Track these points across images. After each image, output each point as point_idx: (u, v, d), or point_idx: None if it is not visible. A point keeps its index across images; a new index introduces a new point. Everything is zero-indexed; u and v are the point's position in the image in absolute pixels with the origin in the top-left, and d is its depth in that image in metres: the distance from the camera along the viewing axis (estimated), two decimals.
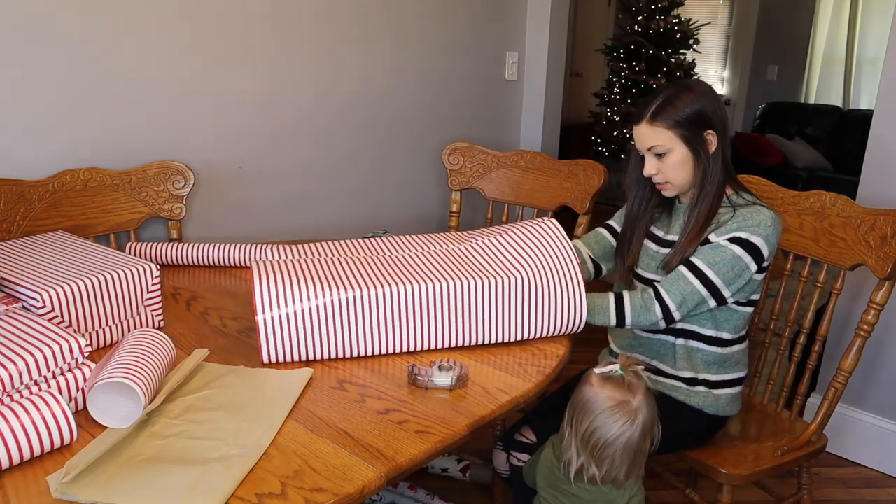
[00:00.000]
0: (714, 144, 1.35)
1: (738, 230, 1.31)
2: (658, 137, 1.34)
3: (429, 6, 2.40)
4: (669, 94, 1.35)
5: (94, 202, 1.69)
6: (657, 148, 1.35)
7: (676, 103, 1.33)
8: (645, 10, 4.90)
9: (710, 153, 1.35)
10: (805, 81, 5.75)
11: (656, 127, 1.34)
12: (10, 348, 0.93)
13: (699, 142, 1.34)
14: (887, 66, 1.99)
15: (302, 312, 1.12)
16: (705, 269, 1.32)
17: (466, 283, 1.18)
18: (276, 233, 2.15)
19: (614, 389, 1.10)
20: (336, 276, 1.19)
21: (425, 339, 1.20)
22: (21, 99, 1.59)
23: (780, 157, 5.06)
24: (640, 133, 1.38)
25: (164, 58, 1.80)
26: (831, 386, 1.48)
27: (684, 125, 1.33)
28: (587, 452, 1.11)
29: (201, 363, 1.13)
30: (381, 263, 1.27)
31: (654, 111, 1.34)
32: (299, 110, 2.14)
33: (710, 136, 1.35)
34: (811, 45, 5.65)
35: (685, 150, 1.34)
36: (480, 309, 1.20)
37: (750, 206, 1.34)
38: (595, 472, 1.11)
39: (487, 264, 1.25)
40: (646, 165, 1.39)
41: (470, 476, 1.98)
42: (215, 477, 0.83)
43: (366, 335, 1.16)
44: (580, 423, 1.11)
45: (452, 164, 2.14)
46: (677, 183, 1.38)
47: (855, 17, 5.41)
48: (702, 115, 1.33)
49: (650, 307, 1.33)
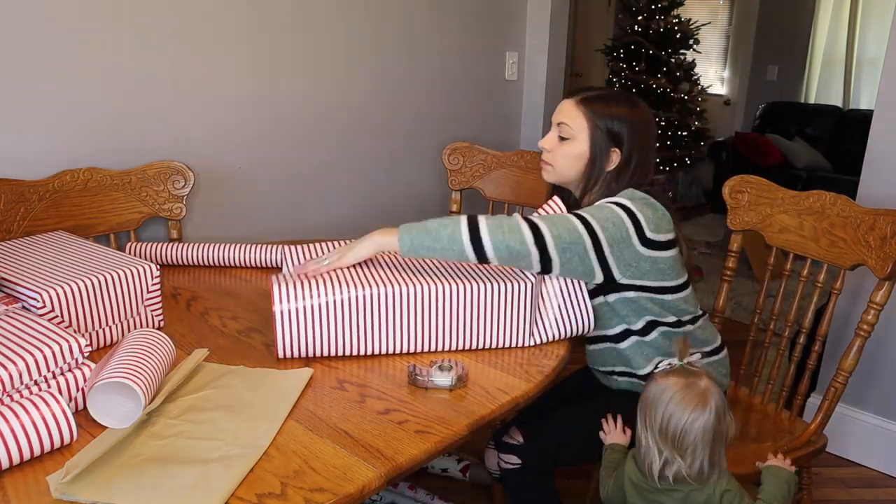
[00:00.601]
0: (613, 164, 1.34)
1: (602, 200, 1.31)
2: (573, 119, 1.34)
3: (429, 6, 2.40)
4: (614, 94, 1.35)
5: (94, 202, 1.69)
6: (565, 128, 1.35)
7: (611, 105, 1.33)
8: (645, 10, 4.89)
9: (606, 169, 1.35)
10: (805, 81, 5.74)
11: (579, 110, 1.34)
12: (10, 348, 0.93)
13: (603, 151, 1.33)
14: (887, 66, 1.99)
15: (319, 307, 1.13)
16: (581, 212, 1.25)
17: (484, 287, 1.19)
18: (275, 233, 2.15)
19: (678, 376, 1.10)
20: (352, 274, 1.20)
21: (440, 339, 1.21)
22: (21, 99, 1.59)
23: (780, 157, 5.06)
24: (562, 105, 1.37)
25: (164, 58, 1.80)
26: (831, 386, 1.48)
27: (601, 126, 1.32)
28: (668, 445, 1.09)
29: (201, 363, 1.13)
30: (396, 262, 1.28)
31: (589, 97, 1.34)
32: (299, 111, 2.14)
33: (615, 156, 1.34)
34: (811, 45, 5.65)
35: (585, 148, 1.34)
36: (493, 312, 1.21)
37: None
38: (680, 464, 1.08)
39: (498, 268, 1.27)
40: (546, 136, 1.39)
41: (470, 476, 1.98)
42: (215, 477, 0.83)
43: (383, 333, 1.17)
44: (654, 418, 1.10)
45: (452, 164, 2.14)
46: (559, 170, 1.38)
47: (855, 17, 5.41)
48: (620, 133, 1.32)
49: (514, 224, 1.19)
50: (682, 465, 1.09)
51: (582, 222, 1.22)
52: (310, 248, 1.38)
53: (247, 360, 1.16)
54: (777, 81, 5.85)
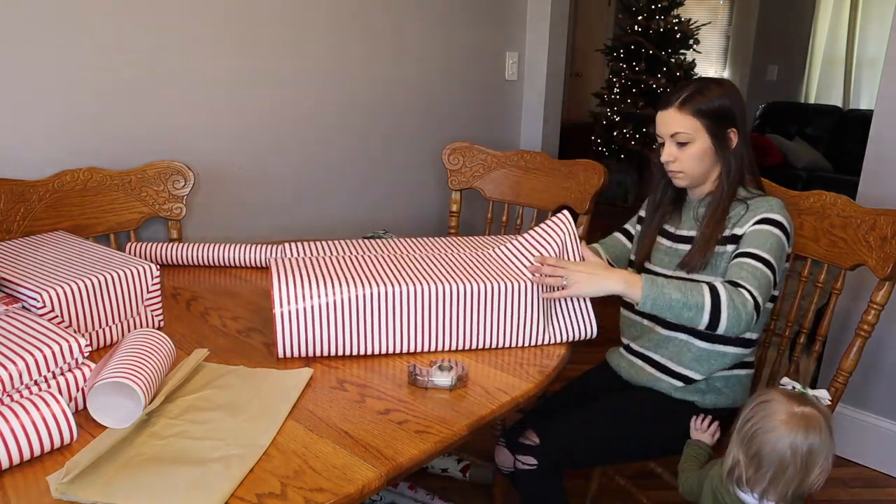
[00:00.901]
0: (735, 142, 1.37)
1: (758, 215, 1.32)
2: (684, 124, 1.35)
3: (429, 7, 2.40)
4: (700, 85, 1.36)
5: (94, 202, 1.69)
6: (681, 136, 1.36)
7: (707, 94, 1.35)
8: (645, 10, 4.89)
9: (731, 150, 1.37)
10: (805, 81, 5.75)
11: (684, 114, 1.35)
12: (10, 348, 0.93)
13: (722, 136, 1.35)
14: (887, 66, 1.99)
15: (318, 307, 1.14)
16: (761, 253, 1.28)
17: (485, 286, 1.20)
18: (276, 233, 2.15)
19: (792, 403, 1.07)
20: (353, 274, 1.21)
21: (441, 339, 1.21)
22: (21, 99, 1.59)
23: (780, 157, 5.06)
24: (666, 118, 1.38)
25: (164, 58, 1.80)
26: (831, 386, 1.48)
27: (711, 117, 1.34)
28: (742, 449, 1.09)
29: (201, 363, 1.13)
30: (397, 262, 1.28)
31: (685, 98, 1.35)
32: (299, 110, 2.13)
33: (733, 134, 1.36)
34: (811, 45, 5.65)
35: (708, 142, 1.35)
36: (497, 312, 1.21)
37: (757, 198, 1.36)
38: (742, 472, 1.09)
39: (504, 267, 1.27)
40: (664, 151, 1.39)
41: (470, 476, 1.98)
42: (215, 477, 0.83)
43: (383, 333, 1.18)
44: (746, 421, 1.10)
45: (452, 164, 2.14)
46: (692, 173, 1.38)
47: (855, 17, 5.41)
48: (728, 110, 1.35)
49: (750, 313, 1.22)
50: (743, 473, 1.09)
51: (770, 270, 1.28)
52: (319, 246, 1.39)
53: (247, 360, 1.16)
54: (777, 81, 5.86)
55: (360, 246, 1.42)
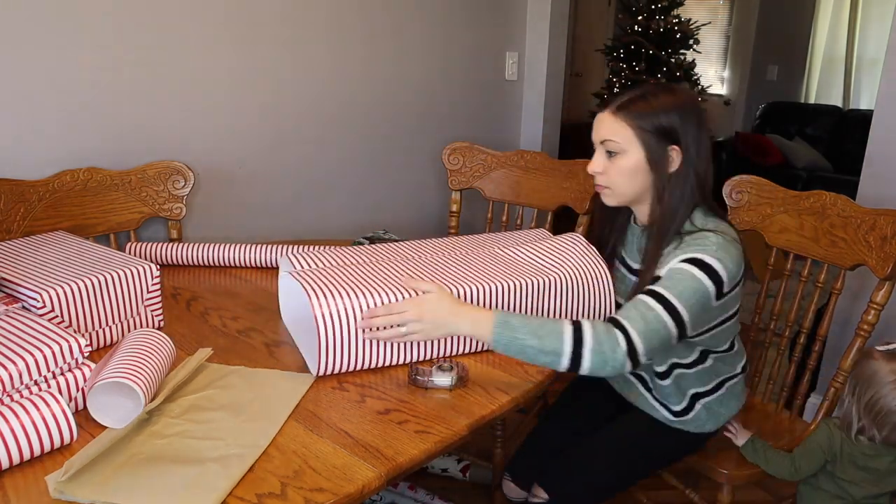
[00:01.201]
0: (676, 164, 1.20)
1: (685, 253, 1.15)
2: (616, 132, 1.19)
3: (429, 7, 2.40)
4: (647, 91, 1.20)
5: (94, 202, 1.69)
6: (610, 143, 1.20)
7: (652, 103, 1.18)
8: (645, 10, 4.89)
9: (669, 172, 1.20)
10: (805, 81, 5.75)
11: (619, 120, 1.19)
12: (10, 348, 0.93)
13: (660, 154, 1.18)
14: (887, 66, 1.99)
15: (356, 318, 1.09)
16: (665, 294, 1.12)
17: (512, 285, 1.19)
18: (276, 233, 2.15)
19: (893, 363, 1.25)
20: (380, 280, 1.16)
21: (457, 343, 1.19)
22: (21, 99, 1.59)
23: (780, 157, 5.06)
24: (599, 121, 1.22)
25: (164, 58, 1.80)
26: (831, 386, 1.48)
27: (649, 130, 1.17)
28: (869, 419, 1.27)
29: (203, 363, 1.13)
30: (414, 266, 1.26)
31: (624, 103, 1.19)
32: (299, 110, 2.14)
33: (674, 153, 1.19)
34: (811, 45, 5.65)
35: (640, 157, 1.19)
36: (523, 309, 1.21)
37: (699, 232, 1.18)
38: (875, 433, 1.27)
39: (525, 267, 1.26)
40: (593, 160, 1.24)
41: (470, 476, 1.98)
42: (213, 476, 0.83)
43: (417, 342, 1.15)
44: (863, 395, 1.27)
45: (452, 164, 2.14)
46: (618, 190, 1.23)
47: (855, 17, 5.41)
48: (672, 127, 1.17)
49: (619, 360, 1.06)
50: (877, 434, 1.26)
51: (673, 317, 1.10)
52: (310, 249, 1.39)
53: (247, 360, 1.16)
54: (777, 81, 5.86)
55: (359, 252, 1.37)
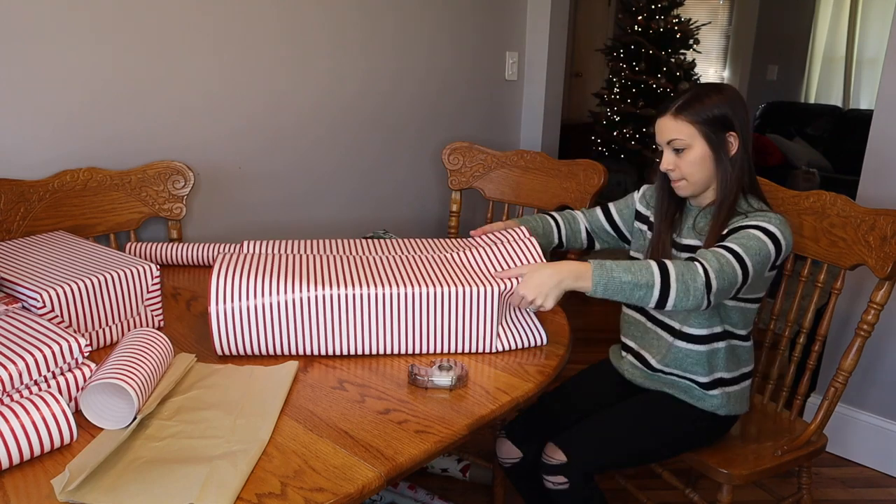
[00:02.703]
0: (735, 147, 1.35)
1: (751, 222, 1.31)
2: (680, 131, 1.35)
3: (429, 7, 2.40)
4: (698, 91, 1.36)
5: (94, 202, 1.69)
6: (677, 142, 1.35)
7: (704, 101, 1.34)
8: (645, 10, 4.89)
9: (731, 156, 1.35)
10: (805, 81, 5.75)
11: (679, 120, 1.35)
12: (10, 348, 0.93)
13: (720, 142, 1.34)
14: (887, 66, 1.99)
15: (255, 308, 1.14)
16: (734, 246, 1.26)
17: (426, 290, 1.17)
18: (276, 233, 2.15)
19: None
20: (297, 275, 1.19)
21: (375, 342, 1.19)
22: (21, 99, 1.59)
23: (780, 157, 5.06)
24: (662, 125, 1.38)
25: (164, 58, 1.80)
26: (831, 386, 1.48)
27: (707, 123, 1.33)
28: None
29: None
30: (351, 265, 1.26)
31: (681, 105, 1.35)
32: (299, 110, 2.14)
33: (732, 139, 1.35)
34: (811, 45, 5.65)
35: (705, 148, 1.34)
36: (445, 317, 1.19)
37: (758, 212, 1.34)
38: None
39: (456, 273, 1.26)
40: (663, 159, 1.39)
41: (470, 476, 1.98)
42: (224, 473, 0.84)
43: (319, 335, 1.17)
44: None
45: (452, 164, 2.14)
46: (693, 180, 1.37)
47: (855, 17, 5.41)
48: (726, 116, 1.34)
49: (699, 290, 1.21)
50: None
51: (741, 266, 1.25)
52: (297, 244, 1.39)
53: (247, 360, 1.16)
54: (777, 81, 5.86)
55: (337, 246, 1.41)
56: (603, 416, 1.43)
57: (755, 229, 1.29)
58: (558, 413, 1.50)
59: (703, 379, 1.42)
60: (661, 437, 1.42)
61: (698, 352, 1.41)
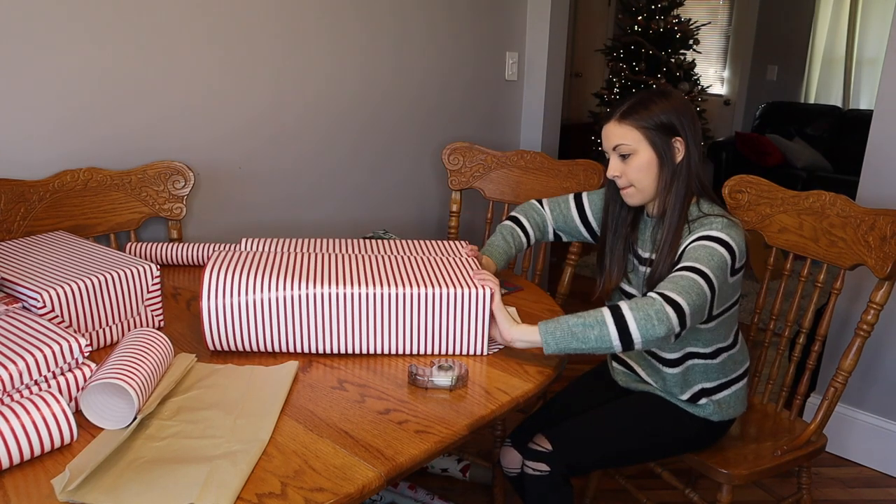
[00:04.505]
0: (681, 153, 1.33)
1: (694, 234, 1.28)
2: (625, 136, 1.32)
3: (429, 7, 2.40)
4: (643, 97, 1.34)
5: (94, 202, 1.69)
6: (622, 147, 1.33)
7: (650, 106, 1.32)
8: (645, 10, 4.89)
9: (676, 162, 1.33)
10: (805, 81, 5.75)
11: (624, 126, 1.32)
12: (10, 348, 0.93)
13: (666, 147, 1.32)
14: (887, 66, 1.99)
15: (246, 304, 1.14)
16: (691, 264, 1.23)
17: (419, 291, 1.18)
18: (276, 232, 2.15)
19: None
20: (290, 273, 1.20)
21: (367, 342, 1.19)
22: (21, 99, 1.59)
23: (780, 157, 5.06)
24: (607, 131, 1.35)
25: (164, 58, 1.80)
26: (831, 386, 1.48)
27: (652, 128, 1.31)
28: None
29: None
30: (346, 264, 1.27)
31: (626, 111, 1.33)
32: (299, 111, 2.14)
33: (678, 144, 1.32)
34: (811, 45, 5.65)
35: (651, 153, 1.32)
36: (423, 317, 1.19)
37: (700, 219, 1.31)
38: None
39: (451, 274, 1.26)
40: (609, 166, 1.36)
41: (470, 476, 1.98)
42: (224, 472, 0.84)
43: (311, 333, 1.18)
44: None
45: (452, 164, 2.14)
46: (641, 186, 1.34)
47: (855, 17, 5.41)
48: (672, 122, 1.32)
49: (661, 311, 1.16)
50: None
51: (707, 284, 1.21)
52: (295, 242, 1.39)
53: (246, 359, 1.16)
54: (777, 81, 5.86)
55: (335, 246, 1.41)
56: (593, 413, 1.43)
57: (702, 240, 1.26)
58: (562, 419, 1.49)
59: (684, 396, 1.42)
60: (651, 437, 1.42)
61: (673, 374, 1.42)
